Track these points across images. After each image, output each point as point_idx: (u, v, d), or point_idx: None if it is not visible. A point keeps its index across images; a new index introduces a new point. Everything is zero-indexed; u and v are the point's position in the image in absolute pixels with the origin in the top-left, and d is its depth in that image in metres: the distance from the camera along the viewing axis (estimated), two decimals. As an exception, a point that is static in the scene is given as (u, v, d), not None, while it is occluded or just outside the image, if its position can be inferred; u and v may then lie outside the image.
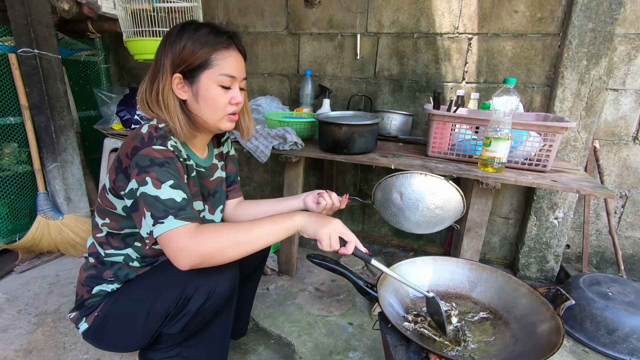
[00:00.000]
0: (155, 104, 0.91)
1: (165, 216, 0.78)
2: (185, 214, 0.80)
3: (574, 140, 1.79)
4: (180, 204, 0.80)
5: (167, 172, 0.81)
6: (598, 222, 1.96)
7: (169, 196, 0.80)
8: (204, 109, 0.92)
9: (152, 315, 0.91)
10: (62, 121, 1.98)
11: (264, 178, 2.56)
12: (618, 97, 1.77)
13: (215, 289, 0.90)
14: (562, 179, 1.36)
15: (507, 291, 1.00)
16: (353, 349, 1.43)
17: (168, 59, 0.88)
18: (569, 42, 1.68)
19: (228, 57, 0.90)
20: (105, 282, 0.97)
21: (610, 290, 1.52)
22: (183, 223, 0.79)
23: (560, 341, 0.77)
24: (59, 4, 1.90)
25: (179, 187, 0.82)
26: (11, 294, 1.67)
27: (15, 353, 1.33)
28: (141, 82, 0.94)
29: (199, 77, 0.89)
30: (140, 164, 0.81)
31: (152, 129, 0.87)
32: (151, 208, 0.79)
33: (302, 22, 2.16)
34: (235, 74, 0.92)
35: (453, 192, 1.12)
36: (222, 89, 0.91)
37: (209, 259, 0.80)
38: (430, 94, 2.01)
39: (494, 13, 1.81)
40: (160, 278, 0.94)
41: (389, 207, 1.16)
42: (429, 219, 1.13)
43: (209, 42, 0.88)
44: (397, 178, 1.15)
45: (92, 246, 1.02)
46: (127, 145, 0.85)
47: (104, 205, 0.95)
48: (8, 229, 1.94)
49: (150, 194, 0.79)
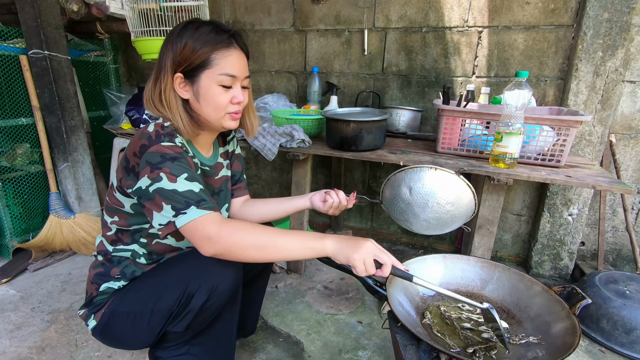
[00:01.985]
0: (159, 103, 0.91)
1: (187, 207, 0.78)
2: (206, 204, 0.80)
3: (589, 134, 1.74)
4: (199, 195, 0.81)
5: (180, 166, 0.82)
6: (614, 218, 1.90)
7: (186, 188, 0.80)
8: (205, 108, 0.92)
9: (156, 313, 0.91)
10: (72, 121, 2.00)
11: (271, 176, 2.56)
12: (635, 89, 1.71)
13: (217, 287, 0.89)
14: (577, 175, 1.32)
15: (520, 290, 0.97)
16: (362, 347, 1.42)
17: (169, 58, 0.88)
18: (584, 33, 1.63)
19: (228, 56, 0.90)
20: (113, 279, 0.98)
21: (628, 288, 1.48)
22: (206, 212, 0.79)
23: (576, 341, 0.74)
24: (68, 6, 1.92)
25: (195, 179, 0.82)
26: (25, 292, 1.70)
27: (29, 350, 1.35)
28: (147, 82, 0.94)
29: (200, 76, 0.89)
30: (151, 161, 0.81)
31: (158, 127, 0.87)
32: (170, 201, 0.79)
33: (308, 19, 2.15)
34: (236, 73, 0.91)
35: (464, 188, 1.08)
36: (222, 89, 0.91)
37: (230, 253, 0.80)
38: (439, 89, 1.98)
39: (505, 5, 1.77)
40: (164, 276, 0.94)
41: (398, 203, 1.13)
42: (439, 216, 1.09)
43: (210, 41, 0.87)
44: (406, 173, 1.13)
45: (100, 244, 1.03)
46: (134, 144, 0.85)
47: (112, 204, 0.95)
48: (22, 228, 1.97)
49: (167, 188, 0.79)
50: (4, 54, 1.80)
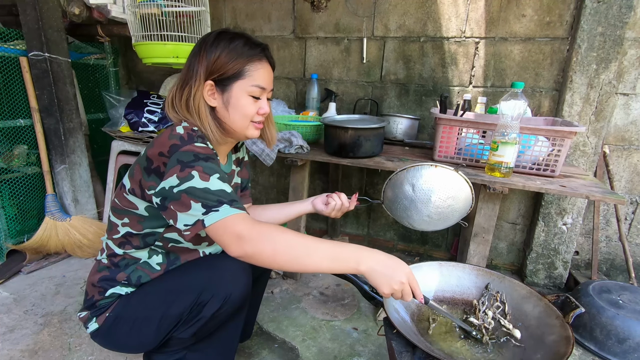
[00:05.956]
0: (184, 109, 0.91)
1: (219, 205, 0.76)
2: (238, 205, 0.78)
3: (583, 145, 1.77)
4: (232, 195, 0.79)
5: (212, 165, 0.81)
6: (608, 228, 1.93)
7: (219, 187, 0.79)
8: (233, 116, 0.93)
9: (165, 319, 0.91)
10: (71, 124, 2.00)
11: (269, 181, 2.56)
12: (628, 102, 1.74)
13: (230, 296, 0.89)
14: (571, 184, 1.34)
15: (514, 298, 0.98)
16: (357, 354, 1.42)
17: (202, 66, 0.89)
18: (578, 46, 1.66)
19: (261, 69, 0.93)
20: (119, 284, 0.96)
21: (621, 298, 1.49)
22: (239, 211, 0.77)
23: (569, 350, 0.75)
24: (70, 9, 1.93)
25: (226, 181, 0.82)
26: (18, 294, 1.68)
27: (21, 353, 1.34)
28: (170, 87, 0.95)
29: (232, 86, 0.91)
30: (183, 159, 0.80)
31: (188, 129, 0.87)
32: (201, 199, 0.77)
33: (308, 26, 2.17)
34: (265, 85, 0.94)
35: (463, 183, 1.14)
36: (252, 99, 0.93)
37: (259, 255, 0.75)
38: (436, 98, 2.00)
39: (502, 17, 1.80)
40: (176, 283, 0.93)
41: (401, 201, 1.17)
42: (441, 210, 1.14)
43: (244, 54, 0.90)
44: (407, 171, 1.17)
45: (106, 247, 1.00)
46: (162, 145, 0.83)
47: (123, 206, 0.93)
48: (17, 229, 1.96)
49: (199, 186, 0.77)
50: (4, 55, 1.81)
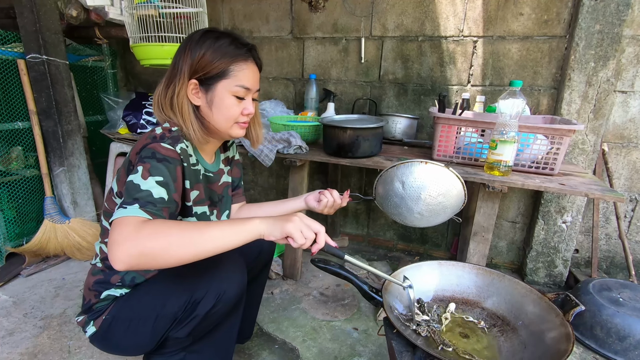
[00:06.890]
0: (168, 107, 0.92)
1: (132, 203, 0.73)
2: (152, 209, 0.74)
3: (582, 143, 1.77)
4: (154, 199, 0.75)
5: (162, 168, 0.80)
6: (607, 226, 1.93)
7: (149, 188, 0.76)
8: (217, 116, 0.93)
9: (161, 319, 0.90)
10: (69, 126, 2.00)
11: (268, 182, 2.56)
12: (627, 99, 1.75)
13: (224, 294, 0.89)
14: (571, 182, 1.34)
15: (515, 297, 0.98)
16: (358, 354, 1.41)
17: (186, 64, 0.89)
18: (576, 44, 1.66)
19: (245, 69, 0.92)
20: (114, 286, 0.97)
21: (621, 295, 1.49)
22: (142, 214, 0.72)
23: (570, 348, 0.75)
24: (67, 11, 1.93)
25: (165, 187, 0.78)
26: (18, 297, 1.68)
27: (20, 356, 1.33)
28: (157, 86, 0.95)
29: (215, 85, 0.90)
30: (142, 155, 0.81)
31: (165, 130, 0.88)
32: (126, 194, 0.75)
33: (306, 27, 2.17)
34: (250, 85, 0.94)
35: (454, 180, 1.12)
36: (236, 99, 0.93)
37: (151, 259, 0.69)
38: (435, 97, 2.00)
39: (499, 16, 1.80)
40: (170, 282, 0.93)
41: (391, 198, 1.16)
42: (431, 208, 1.12)
43: (229, 53, 0.89)
44: (397, 168, 1.16)
45: (99, 251, 1.01)
46: (138, 145, 0.86)
47: (111, 209, 0.94)
48: (15, 232, 1.96)
49: (134, 181, 0.76)
50: (1, 58, 1.80)
